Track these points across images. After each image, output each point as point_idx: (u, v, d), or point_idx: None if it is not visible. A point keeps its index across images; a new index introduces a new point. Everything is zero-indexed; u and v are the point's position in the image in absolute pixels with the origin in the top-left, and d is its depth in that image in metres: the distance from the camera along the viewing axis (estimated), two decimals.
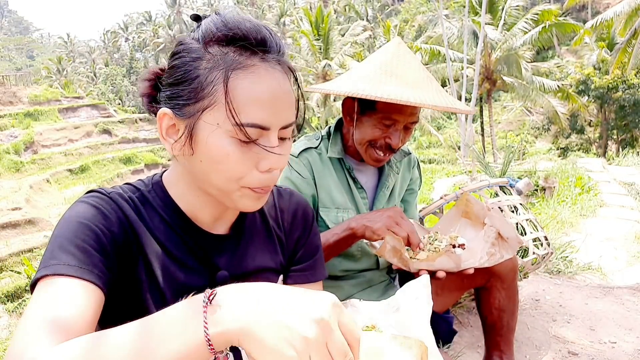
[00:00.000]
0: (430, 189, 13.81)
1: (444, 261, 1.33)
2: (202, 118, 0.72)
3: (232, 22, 0.73)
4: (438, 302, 1.72)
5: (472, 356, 2.14)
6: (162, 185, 0.84)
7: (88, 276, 0.67)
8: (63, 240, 0.70)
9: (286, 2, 56.00)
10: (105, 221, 0.74)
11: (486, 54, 19.28)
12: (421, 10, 39.92)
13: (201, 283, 0.83)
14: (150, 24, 76.71)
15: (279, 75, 0.74)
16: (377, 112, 1.45)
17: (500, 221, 1.43)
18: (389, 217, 1.37)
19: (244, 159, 0.73)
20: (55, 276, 0.66)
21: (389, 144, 1.48)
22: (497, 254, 1.40)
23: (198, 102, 0.72)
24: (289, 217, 0.97)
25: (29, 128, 27.20)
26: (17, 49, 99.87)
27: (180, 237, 0.82)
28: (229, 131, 0.71)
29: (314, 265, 0.97)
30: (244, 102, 0.70)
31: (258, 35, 0.73)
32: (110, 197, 0.78)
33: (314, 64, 25.58)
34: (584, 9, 35.87)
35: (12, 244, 16.48)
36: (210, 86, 0.71)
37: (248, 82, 0.71)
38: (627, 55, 17.84)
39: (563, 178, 10.27)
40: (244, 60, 0.72)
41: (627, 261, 5.28)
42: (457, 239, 1.45)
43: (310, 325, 0.50)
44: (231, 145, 0.72)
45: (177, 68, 0.75)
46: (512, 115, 30.48)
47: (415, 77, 1.45)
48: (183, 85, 0.74)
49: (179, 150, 0.76)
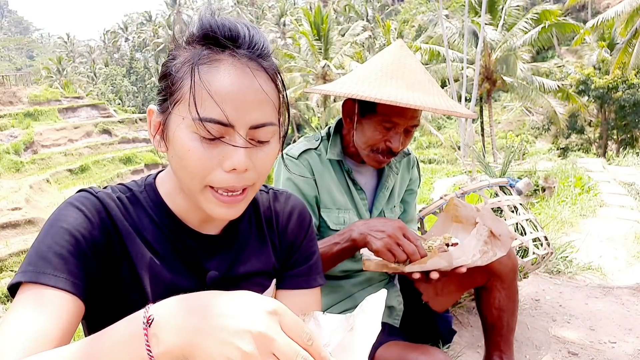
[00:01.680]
0: (430, 189, 13.82)
1: (436, 262, 1.32)
2: (173, 112, 0.73)
3: (207, 20, 0.74)
4: (438, 302, 1.72)
5: (472, 356, 2.14)
6: (154, 186, 0.85)
7: (63, 285, 0.68)
8: (42, 246, 0.71)
9: (286, 2, 56.00)
10: (86, 225, 0.74)
11: (486, 54, 19.28)
12: (421, 10, 39.93)
13: (190, 284, 0.82)
14: (150, 24, 76.74)
15: (247, 71, 0.72)
16: (377, 114, 1.44)
17: (492, 219, 1.42)
18: (390, 237, 1.30)
19: (208, 156, 0.71)
20: (31, 284, 0.67)
21: (390, 148, 1.46)
22: (489, 252, 1.39)
23: (171, 96, 0.74)
24: (284, 220, 0.95)
25: (28, 128, 27.21)
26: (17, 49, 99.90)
27: (169, 238, 0.82)
28: (191, 126, 0.71)
29: (308, 272, 0.95)
30: (205, 97, 0.70)
31: (230, 32, 0.73)
32: (97, 197, 0.79)
33: (314, 64, 25.58)
34: (584, 9, 35.88)
35: (12, 244, 16.50)
36: (180, 81, 0.72)
37: (211, 76, 0.70)
38: (627, 55, 17.84)
39: (563, 178, 10.27)
40: (211, 55, 0.72)
41: (627, 261, 5.27)
42: (451, 239, 1.45)
43: (248, 339, 0.51)
44: (193, 140, 0.71)
45: (162, 66, 0.78)
46: (512, 115, 30.49)
47: (416, 79, 1.43)
48: (162, 81, 0.77)
49: (161, 147, 0.78)
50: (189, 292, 0.82)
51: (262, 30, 0.79)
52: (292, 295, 0.93)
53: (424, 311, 1.72)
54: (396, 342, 1.42)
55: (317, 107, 28.28)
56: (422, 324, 1.75)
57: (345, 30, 33.50)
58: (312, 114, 30.31)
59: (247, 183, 0.75)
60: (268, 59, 0.76)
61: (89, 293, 0.72)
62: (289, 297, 0.93)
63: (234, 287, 0.86)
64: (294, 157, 1.54)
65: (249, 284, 0.88)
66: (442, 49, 19.00)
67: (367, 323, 0.63)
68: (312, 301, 0.94)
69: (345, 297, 1.65)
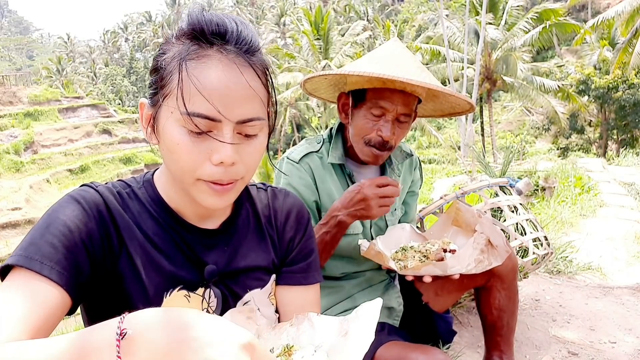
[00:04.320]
0: (430, 189, 13.81)
1: (429, 270, 1.34)
2: (162, 106, 0.75)
3: (195, 16, 0.75)
4: (438, 302, 1.72)
5: (472, 356, 2.14)
6: (152, 182, 0.87)
7: (48, 272, 0.68)
8: (36, 234, 0.72)
9: (286, 2, 56.00)
10: (83, 217, 0.76)
11: (486, 54, 19.27)
12: (421, 10, 39.94)
13: (190, 276, 0.84)
14: (150, 24, 76.74)
15: (234, 67, 0.73)
16: (366, 101, 1.44)
17: (491, 229, 1.43)
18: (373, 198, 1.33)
19: (196, 150, 0.73)
20: (20, 269, 0.68)
21: (382, 138, 1.44)
22: (485, 261, 1.41)
23: (161, 90, 0.75)
24: (283, 217, 0.97)
25: (28, 128, 27.21)
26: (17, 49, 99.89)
27: (168, 232, 0.84)
28: (179, 120, 0.72)
29: (307, 269, 0.97)
30: (193, 92, 0.71)
31: (218, 28, 0.74)
32: (98, 191, 0.80)
33: (314, 64, 25.58)
34: (584, 9, 35.88)
35: (12, 244, 16.51)
36: (169, 75, 0.74)
37: (198, 71, 0.72)
38: (627, 55, 17.82)
39: (563, 178, 10.26)
40: (199, 51, 0.73)
41: (627, 261, 5.27)
42: (450, 244, 1.45)
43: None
44: (182, 134, 0.72)
45: (153, 60, 0.80)
46: (512, 115, 30.48)
47: (404, 62, 1.41)
48: (153, 75, 0.78)
49: (152, 140, 0.79)
50: (188, 283, 0.83)
51: (262, 30, 0.79)
52: (291, 291, 0.95)
53: (424, 311, 1.72)
54: (396, 342, 1.42)
55: (317, 107, 28.28)
56: (422, 324, 1.75)
57: (345, 30, 33.50)
58: (313, 114, 30.28)
59: (234, 177, 0.76)
60: (256, 54, 0.77)
61: (80, 286, 0.73)
62: (288, 293, 0.95)
63: (233, 281, 0.88)
64: (295, 161, 1.53)
65: (248, 279, 0.90)
66: (443, 49, 18.99)
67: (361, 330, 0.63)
68: (310, 298, 0.96)
69: (345, 297, 1.65)
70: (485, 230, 1.41)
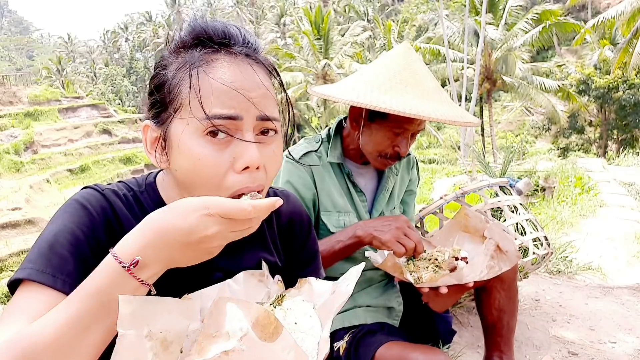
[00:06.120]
0: (430, 189, 13.82)
1: (446, 280, 1.35)
2: (174, 121, 0.72)
3: (198, 25, 0.74)
4: (438, 303, 1.71)
5: (472, 356, 2.14)
6: (154, 186, 0.85)
7: (61, 286, 0.68)
8: (44, 243, 0.71)
9: (286, 2, 55.98)
10: (90, 223, 0.75)
11: (486, 54, 19.27)
12: (421, 10, 39.93)
13: (193, 282, 0.82)
14: (150, 24, 76.73)
15: (246, 66, 0.73)
16: (388, 121, 1.44)
17: (500, 234, 1.44)
18: (397, 229, 1.37)
19: (219, 160, 0.70)
20: (30, 282, 0.68)
21: (398, 153, 1.48)
22: (495, 267, 1.42)
23: (169, 105, 0.73)
24: (285, 221, 0.96)
25: (28, 128, 27.20)
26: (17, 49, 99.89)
27: None
28: (198, 129, 0.69)
29: (310, 271, 0.96)
30: (208, 95, 0.69)
31: (223, 33, 0.74)
32: (103, 194, 0.79)
33: (314, 64, 25.57)
34: (584, 9, 35.88)
35: (12, 244, 16.49)
36: (177, 87, 0.72)
37: (212, 74, 0.71)
38: (628, 55, 17.81)
39: (563, 178, 10.27)
40: (207, 56, 0.72)
41: (627, 261, 5.28)
42: (460, 252, 1.45)
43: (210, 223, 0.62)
44: (202, 146, 0.70)
45: (153, 79, 0.77)
46: (512, 115, 30.48)
47: (428, 88, 1.44)
48: (156, 94, 0.76)
49: (162, 162, 0.76)
50: (194, 285, 0.83)
51: (262, 30, 0.80)
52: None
53: (424, 311, 1.71)
54: (396, 342, 1.42)
55: (317, 107, 28.26)
56: (422, 324, 1.75)
57: (345, 30, 33.48)
58: (313, 114, 30.28)
59: (262, 182, 0.73)
60: (262, 55, 0.77)
61: None
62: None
63: None
64: (294, 160, 1.54)
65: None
66: (443, 49, 18.99)
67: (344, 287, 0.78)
68: None
69: None
70: (495, 236, 1.43)
